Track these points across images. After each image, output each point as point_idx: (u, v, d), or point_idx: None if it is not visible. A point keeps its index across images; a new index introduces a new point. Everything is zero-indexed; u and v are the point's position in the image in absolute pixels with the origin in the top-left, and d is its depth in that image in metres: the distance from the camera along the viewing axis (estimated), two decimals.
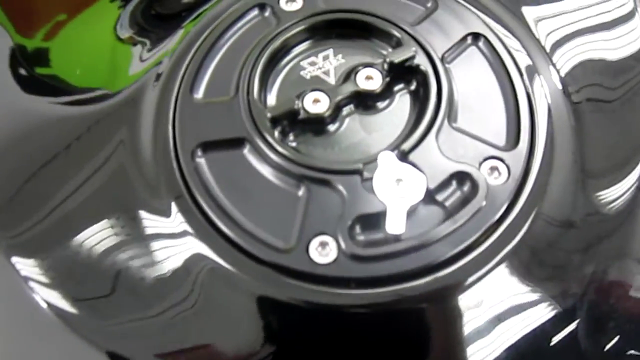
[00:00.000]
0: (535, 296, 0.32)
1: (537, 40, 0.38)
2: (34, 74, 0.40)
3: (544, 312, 0.32)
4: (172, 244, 0.33)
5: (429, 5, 0.38)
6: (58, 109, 0.38)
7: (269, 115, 0.33)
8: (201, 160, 0.33)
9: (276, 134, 0.33)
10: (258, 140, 0.33)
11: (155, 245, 0.33)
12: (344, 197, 0.31)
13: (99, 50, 0.41)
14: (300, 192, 0.32)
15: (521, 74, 0.35)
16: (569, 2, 0.40)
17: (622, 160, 0.36)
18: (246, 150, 0.33)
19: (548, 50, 0.38)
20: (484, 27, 0.37)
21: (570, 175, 0.34)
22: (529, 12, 0.39)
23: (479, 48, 0.36)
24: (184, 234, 0.32)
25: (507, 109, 0.34)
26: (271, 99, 0.36)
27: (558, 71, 0.37)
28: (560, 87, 0.37)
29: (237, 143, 0.33)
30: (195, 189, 0.32)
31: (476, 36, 0.36)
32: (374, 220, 0.31)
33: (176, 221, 0.33)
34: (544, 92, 0.36)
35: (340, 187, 0.32)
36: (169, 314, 0.32)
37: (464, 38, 0.36)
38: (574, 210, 0.34)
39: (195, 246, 0.32)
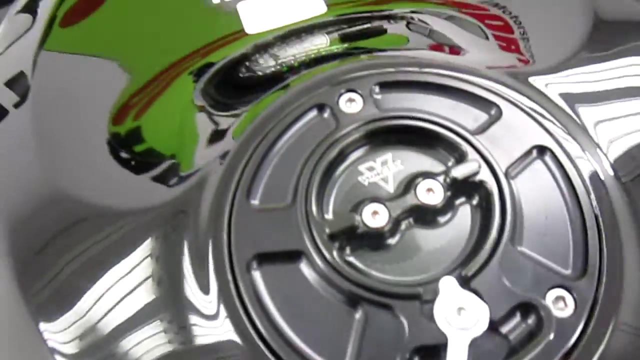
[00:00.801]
0: None
1: (605, 154, 0.36)
2: (127, 154, 0.40)
3: None
4: (216, 349, 0.32)
5: (492, 112, 0.37)
6: (143, 185, 0.38)
7: (327, 230, 0.32)
8: (256, 273, 0.32)
9: (334, 250, 0.32)
10: (316, 256, 0.32)
11: (195, 347, 0.32)
12: (403, 324, 0.30)
13: (175, 122, 0.41)
14: (358, 315, 0.31)
15: (589, 193, 0.34)
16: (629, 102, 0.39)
17: None
18: (303, 264, 0.32)
19: (612, 160, 0.37)
20: (550, 139, 0.36)
21: None
22: (598, 123, 0.38)
23: (544, 162, 0.35)
24: (230, 344, 0.31)
25: (574, 231, 0.33)
26: (329, 207, 0.35)
27: (624, 183, 0.36)
28: (627, 200, 0.35)
29: (293, 256, 0.33)
30: (249, 302, 0.32)
31: (542, 149, 0.35)
32: (433, 353, 0.30)
33: (224, 329, 0.32)
34: (613, 211, 0.34)
35: (400, 313, 0.30)
36: None
37: (529, 151, 0.35)
38: None
39: (240, 357, 0.31)
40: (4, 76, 0.46)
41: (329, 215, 0.34)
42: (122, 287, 0.34)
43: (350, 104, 0.37)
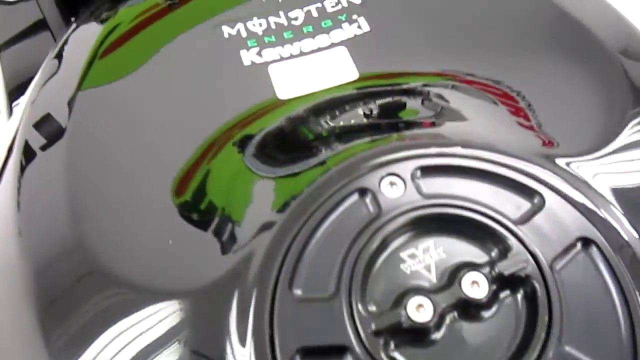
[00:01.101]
0: None
1: None
2: (197, 216, 0.40)
3: None
4: None
5: (535, 201, 0.37)
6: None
7: (373, 326, 0.32)
8: None
9: (380, 347, 0.32)
10: (361, 352, 0.32)
11: None
12: None
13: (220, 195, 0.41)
14: None
15: (635, 289, 0.34)
16: None
17: None
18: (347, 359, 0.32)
19: None
20: (594, 229, 0.35)
21: None
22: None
23: (589, 254, 0.35)
24: None
25: (621, 329, 0.33)
26: (372, 297, 0.34)
27: None
28: None
29: (338, 351, 0.32)
30: None
31: (586, 241, 0.35)
32: None
33: None
34: None
35: None
36: None
37: (574, 243, 0.35)
38: None
39: None
40: (37, 119, 0.46)
41: (372, 307, 0.34)
42: (149, 348, 0.34)
43: (392, 187, 0.37)
